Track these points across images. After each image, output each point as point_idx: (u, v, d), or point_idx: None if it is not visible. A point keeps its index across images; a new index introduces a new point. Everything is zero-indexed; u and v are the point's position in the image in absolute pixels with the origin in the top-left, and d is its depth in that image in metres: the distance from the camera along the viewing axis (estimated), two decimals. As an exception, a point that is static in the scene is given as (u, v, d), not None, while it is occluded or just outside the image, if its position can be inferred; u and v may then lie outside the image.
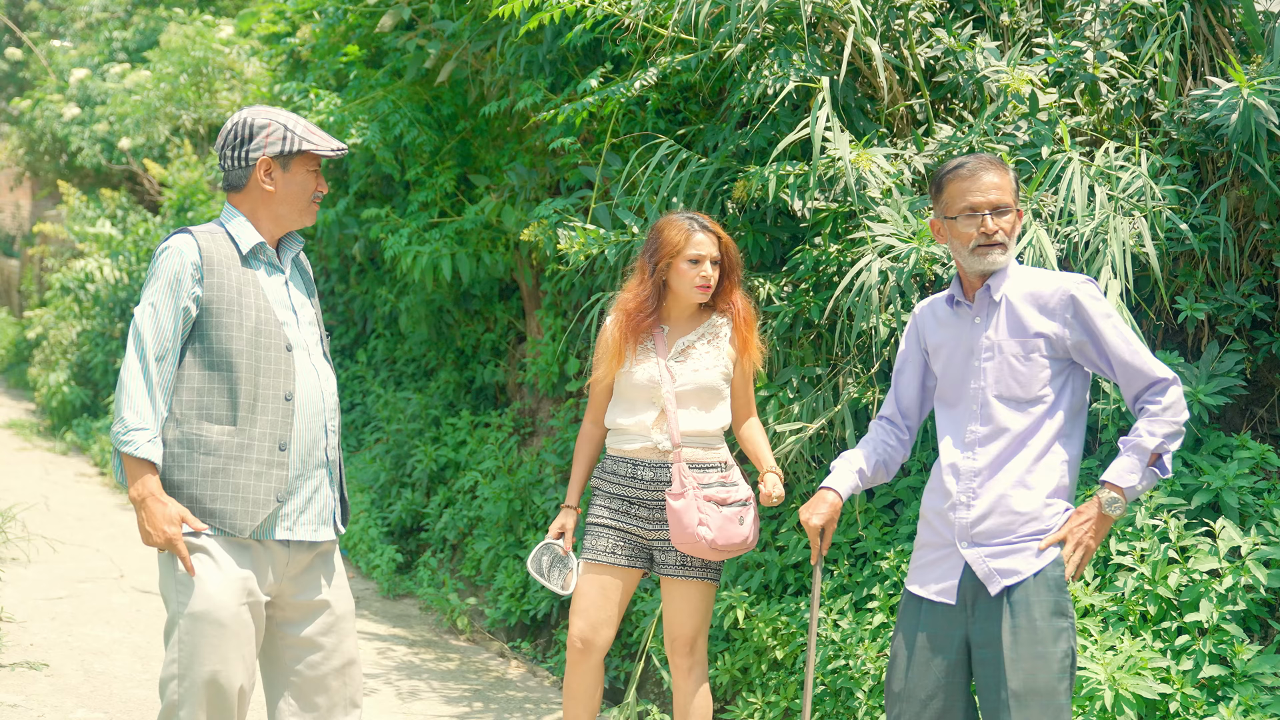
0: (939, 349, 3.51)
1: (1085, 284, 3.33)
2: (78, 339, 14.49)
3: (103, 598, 7.23)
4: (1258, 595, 4.02)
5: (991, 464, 3.33)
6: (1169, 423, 3.25)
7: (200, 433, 3.43)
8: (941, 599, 3.37)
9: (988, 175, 3.36)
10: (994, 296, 3.37)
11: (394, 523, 8.37)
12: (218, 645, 3.39)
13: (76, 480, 11.53)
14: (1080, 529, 3.27)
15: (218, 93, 11.48)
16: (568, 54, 6.57)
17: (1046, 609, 3.24)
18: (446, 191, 8.10)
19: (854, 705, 4.57)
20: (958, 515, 3.35)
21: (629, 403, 4.29)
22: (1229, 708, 3.75)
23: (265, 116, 3.52)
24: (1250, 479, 4.26)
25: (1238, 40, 4.88)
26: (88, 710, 5.30)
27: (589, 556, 4.30)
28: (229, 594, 3.41)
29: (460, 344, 8.90)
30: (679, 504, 4.13)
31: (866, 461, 3.65)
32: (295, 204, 3.57)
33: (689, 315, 4.32)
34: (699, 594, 4.26)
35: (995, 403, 3.34)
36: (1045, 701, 3.20)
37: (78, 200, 15.06)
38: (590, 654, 4.26)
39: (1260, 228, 4.59)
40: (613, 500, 4.31)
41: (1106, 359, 3.30)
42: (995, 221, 3.33)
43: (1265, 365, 4.65)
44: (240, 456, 3.45)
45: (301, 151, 3.52)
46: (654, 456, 4.23)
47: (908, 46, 5.07)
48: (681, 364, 4.24)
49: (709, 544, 4.11)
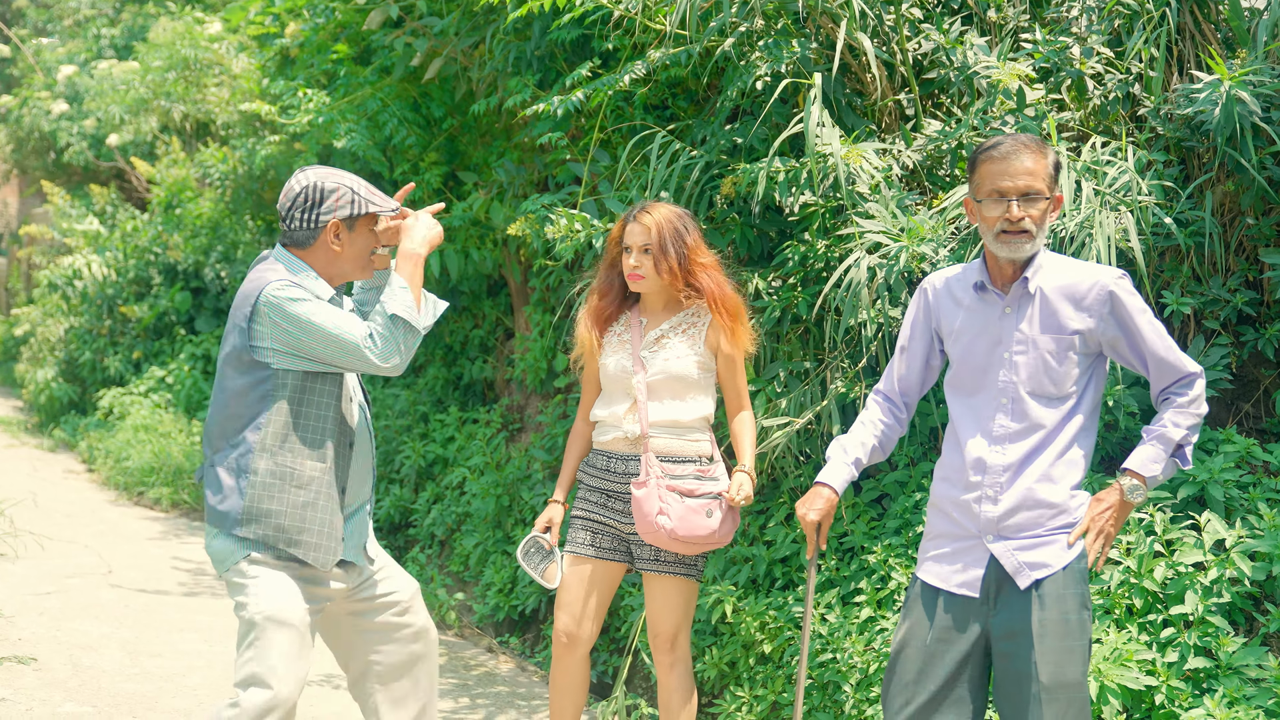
0: (959, 334, 3.42)
1: (1122, 279, 3.27)
2: (65, 336, 14.46)
3: (91, 593, 7.22)
4: (1242, 588, 4.04)
5: (1021, 458, 3.29)
6: (1194, 415, 3.25)
7: (295, 466, 3.63)
8: (965, 591, 3.33)
9: (1021, 159, 3.23)
10: (1029, 289, 3.30)
11: (382, 519, 8.37)
12: (290, 647, 3.58)
13: (65, 477, 11.51)
14: (1102, 517, 3.26)
15: (206, 88, 11.46)
16: (556, 50, 6.57)
17: (1075, 602, 3.24)
18: (434, 189, 8.10)
19: (841, 699, 4.59)
20: (983, 509, 3.31)
21: (606, 395, 4.32)
22: (1214, 699, 3.77)
23: (334, 181, 3.70)
24: (1236, 473, 4.28)
25: (1223, 36, 4.90)
26: (76, 704, 5.30)
27: (570, 550, 4.32)
28: (297, 599, 3.63)
29: (449, 340, 8.90)
30: (640, 492, 4.13)
31: (863, 448, 3.59)
32: (358, 262, 3.78)
33: (665, 305, 4.32)
34: (676, 589, 4.26)
35: (1029, 399, 3.29)
36: (1073, 694, 3.20)
37: (62, 199, 15.03)
38: (575, 647, 4.28)
39: (1246, 223, 4.62)
40: (593, 493, 4.33)
41: (1140, 355, 3.26)
42: (1022, 208, 3.22)
43: (1251, 360, 4.67)
44: (327, 494, 3.67)
45: (367, 214, 3.72)
46: (625, 448, 4.24)
47: (897, 42, 5.09)
48: (654, 354, 4.24)
49: (668, 533, 4.09)
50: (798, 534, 5.13)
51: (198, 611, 7.09)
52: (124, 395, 12.79)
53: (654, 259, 4.20)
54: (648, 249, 4.20)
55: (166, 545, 8.93)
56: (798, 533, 5.13)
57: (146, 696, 5.50)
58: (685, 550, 4.17)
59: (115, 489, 11.03)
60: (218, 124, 11.74)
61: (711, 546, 4.20)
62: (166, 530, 9.54)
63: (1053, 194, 3.27)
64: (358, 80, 8.11)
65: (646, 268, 4.21)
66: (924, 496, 4.84)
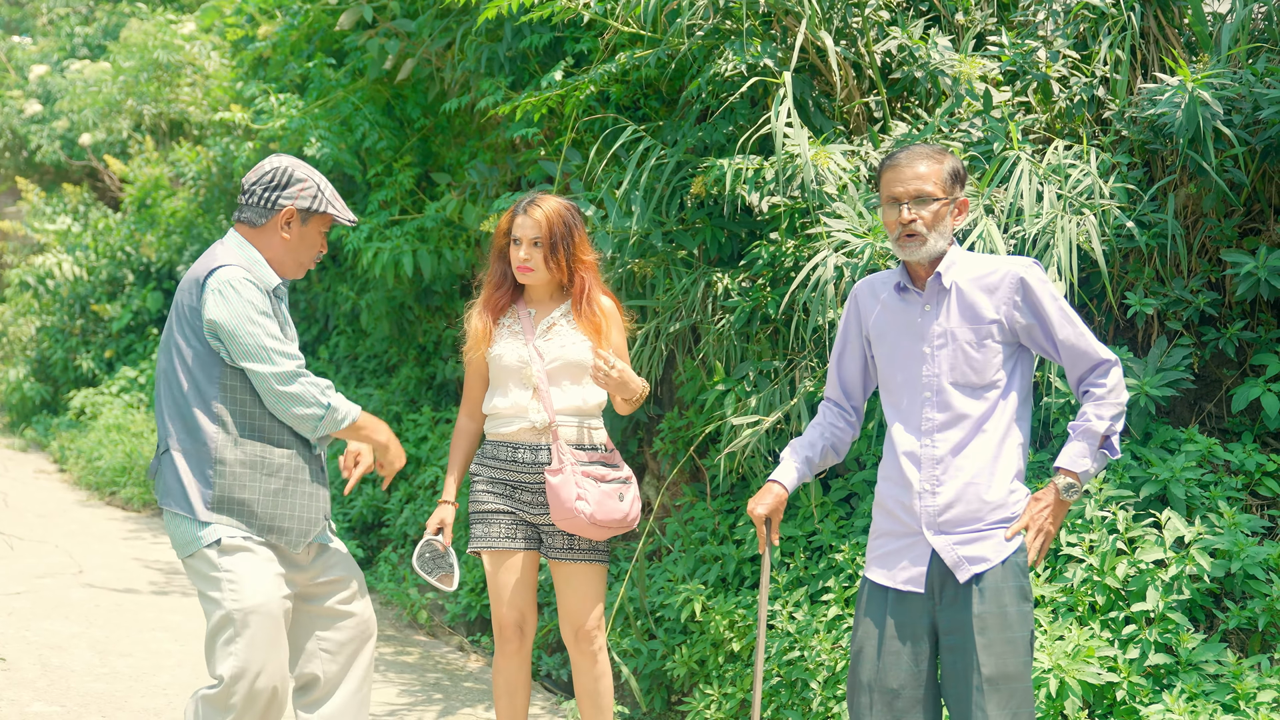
0: (883, 335, 3.51)
1: (1032, 266, 3.35)
2: (37, 335, 14.40)
3: (61, 593, 7.20)
4: (1203, 585, 4.10)
5: (952, 450, 3.34)
6: (1114, 404, 3.30)
7: (265, 455, 3.67)
8: (910, 588, 3.37)
9: (914, 165, 3.36)
10: (944, 284, 3.38)
11: (355, 519, 8.37)
12: (272, 637, 3.62)
13: (36, 477, 11.46)
14: (1040, 515, 3.31)
15: (179, 88, 11.44)
16: (528, 52, 6.59)
17: (1014, 595, 3.28)
18: (407, 190, 8.11)
19: (809, 696, 4.62)
20: (923, 503, 3.36)
21: (502, 386, 4.29)
22: (1173, 695, 3.82)
23: (304, 172, 3.76)
24: (1198, 471, 4.33)
25: (1186, 40, 4.96)
26: (45, 704, 5.29)
27: (486, 545, 4.27)
28: (275, 588, 3.66)
29: (422, 340, 8.91)
30: (556, 479, 4.13)
31: (812, 448, 3.66)
32: (301, 257, 3.82)
33: (550, 295, 4.33)
34: (594, 576, 4.27)
35: (951, 389, 3.35)
36: (1015, 686, 3.25)
37: (36, 197, 14.96)
38: (525, 640, 4.28)
39: (1208, 224, 4.67)
40: (495, 485, 4.29)
41: (1053, 341, 3.33)
42: (913, 211, 3.34)
43: (1213, 360, 4.73)
44: (296, 479, 3.72)
45: (323, 213, 3.76)
46: (531, 438, 4.24)
47: (864, 44, 5.13)
48: (548, 342, 4.25)
49: (588, 518, 4.11)
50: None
51: (169, 611, 7.08)
52: (96, 395, 12.75)
53: (543, 253, 4.22)
54: (537, 242, 4.21)
55: (138, 545, 8.91)
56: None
57: (116, 696, 5.49)
58: (600, 535, 4.19)
59: (87, 489, 11.00)
60: (191, 123, 11.71)
61: (624, 529, 4.23)
62: (138, 530, 9.52)
63: (950, 196, 3.37)
64: (330, 84, 8.11)
65: (535, 260, 4.22)
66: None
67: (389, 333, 9.09)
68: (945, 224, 3.38)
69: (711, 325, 5.28)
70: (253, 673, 3.58)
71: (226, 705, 3.59)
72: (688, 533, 5.59)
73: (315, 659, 3.89)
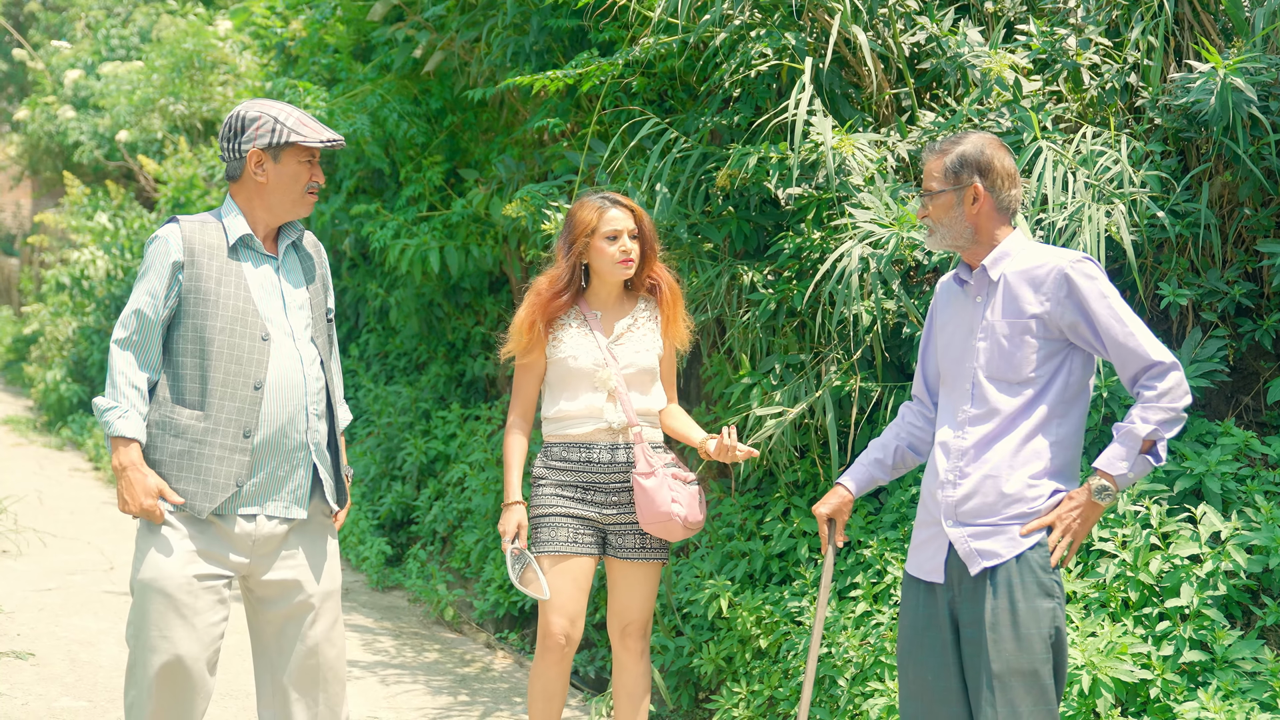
0: (944, 327, 3.49)
1: (1080, 262, 3.27)
2: (74, 335, 14.49)
3: (92, 589, 7.23)
4: (1239, 581, 4.00)
5: (979, 444, 3.30)
6: (1165, 409, 3.17)
7: (172, 416, 3.57)
8: (933, 578, 3.37)
9: (926, 160, 3.44)
10: (991, 276, 3.34)
11: (384, 516, 8.37)
12: (164, 614, 3.49)
13: (70, 475, 11.53)
14: (1069, 515, 3.24)
15: (212, 86, 11.48)
16: (554, 44, 6.56)
17: (1028, 591, 3.22)
18: (435, 185, 8.09)
19: (836, 693, 4.56)
20: (944, 494, 3.34)
21: (570, 389, 4.22)
22: (1208, 693, 3.73)
23: (257, 109, 3.63)
24: (1234, 465, 4.24)
25: (1222, 26, 4.86)
26: (72, 699, 5.30)
27: (553, 549, 4.18)
28: (177, 565, 3.51)
29: (450, 337, 8.89)
30: (650, 483, 4.07)
31: (884, 449, 3.65)
32: (287, 194, 3.66)
33: (617, 298, 4.28)
34: (654, 575, 4.25)
35: (987, 383, 3.31)
36: (1028, 683, 3.19)
37: (80, 190, 15.03)
38: (570, 647, 4.21)
39: (1244, 214, 4.57)
40: (565, 489, 4.21)
41: (1100, 340, 3.23)
42: (926, 206, 3.40)
43: (1250, 352, 4.63)
44: (205, 440, 3.56)
45: (290, 143, 3.61)
46: (607, 438, 4.19)
47: (892, 35, 5.06)
48: (621, 347, 4.21)
49: (682, 521, 4.07)
50: (794, 529, 5.11)
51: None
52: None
53: (640, 246, 4.19)
54: (634, 235, 4.18)
55: (170, 542, 8.92)
56: (794, 528, 5.10)
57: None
58: (685, 536, 4.17)
59: (121, 487, 11.03)
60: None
61: (697, 531, 4.24)
62: (170, 528, 9.53)
63: (955, 187, 3.35)
64: (358, 76, 8.11)
65: (635, 253, 4.19)
66: (919, 491, 4.81)
67: (418, 330, 9.08)
68: (955, 215, 3.36)
69: (737, 318, 5.22)
70: (144, 648, 3.49)
71: (133, 680, 3.54)
72: (714, 528, 5.53)
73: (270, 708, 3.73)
